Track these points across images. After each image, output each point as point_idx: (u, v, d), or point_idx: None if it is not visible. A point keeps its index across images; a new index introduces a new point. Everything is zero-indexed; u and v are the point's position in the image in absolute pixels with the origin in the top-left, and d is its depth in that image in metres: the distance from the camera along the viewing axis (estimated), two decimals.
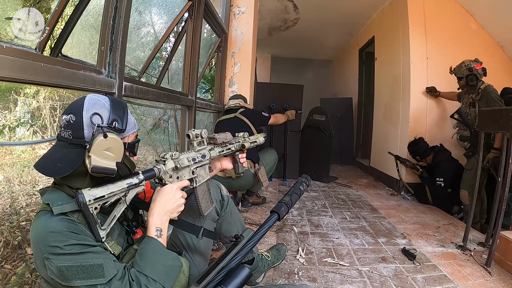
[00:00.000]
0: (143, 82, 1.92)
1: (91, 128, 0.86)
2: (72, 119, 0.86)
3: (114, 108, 0.91)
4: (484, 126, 2.30)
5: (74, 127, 0.85)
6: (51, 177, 0.88)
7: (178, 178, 1.10)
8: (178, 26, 2.59)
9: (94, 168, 0.82)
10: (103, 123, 0.87)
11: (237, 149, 1.45)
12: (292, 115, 3.53)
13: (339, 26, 6.05)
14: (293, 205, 1.05)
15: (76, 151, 0.85)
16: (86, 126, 0.86)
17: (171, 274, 0.92)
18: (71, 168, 0.83)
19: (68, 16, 1.31)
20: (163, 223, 0.98)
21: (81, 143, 0.85)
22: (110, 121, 0.89)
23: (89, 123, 0.86)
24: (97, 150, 0.83)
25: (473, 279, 1.85)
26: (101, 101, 0.91)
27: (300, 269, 1.93)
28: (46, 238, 0.78)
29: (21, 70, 0.95)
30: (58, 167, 0.83)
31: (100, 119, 0.87)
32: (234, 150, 1.44)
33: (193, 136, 1.22)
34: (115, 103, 0.94)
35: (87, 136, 0.85)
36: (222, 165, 1.46)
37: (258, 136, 1.57)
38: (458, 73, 2.96)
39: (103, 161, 0.84)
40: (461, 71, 2.92)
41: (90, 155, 0.82)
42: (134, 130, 1.00)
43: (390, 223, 2.82)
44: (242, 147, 1.45)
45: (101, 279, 0.78)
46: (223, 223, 1.51)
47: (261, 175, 2.70)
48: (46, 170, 0.85)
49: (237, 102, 3.04)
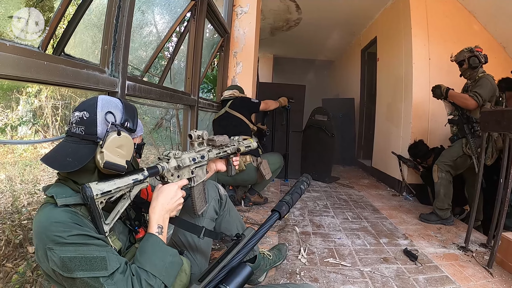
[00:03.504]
0: (145, 81, 1.92)
1: (105, 125, 0.88)
2: (85, 115, 0.88)
3: (126, 109, 0.96)
4: (487, 127, 2.29)
5: (88, 124, 0.87)
6: (60, 171, 0.89)
7: (179, 176, 1.13)
8: (181, 26, 2.59)
9: (107, 164, 0.85)
10: (116, 122, 0.90)
11: (232, 152, 1.48)
12: (284, 101, 3.61)
13: (341, 27, 6.05)
14: (294, 204, 1.05)
15: (88, 147, 0.87)
16: (100, 123, 0.88)
17: (171, 271, 0.93)
18: (82, 163, 0.84)
19: (71, 15, 1.31)
20: (164, 220, 1.00)
21: (93, 139, 0.87)
22: (123, 120, 0.92)
23: (103, 120, 0.88)
24: (110, 147, 0.87)
25: (474, 280, 1.85)
26: (114, 101, 0.95)
27: (302, 269, 1.93)
28: (49, 228, 0.78)
29: (25, 69, 0.96)
30: (67, 162, 0.83)
31: (113, 118, 0.90)
32: (230, 153, 1.47)
33: (195, 136, 1.26)
34: (127, 105, 0.98)
35: (100, 133, 0.87)
36: (216, 166, 1.48)
37: (251, 141, 1.61)
38: (460, 58, 2.88)
39: (115, 157, 0.88)
40: (462, 54, 2.85)
41: (103, 151, 0.85)
42: (141, 133, 1.06)
43: (391, 223, 2.82)
44: (238, 150, 1.49)
45: (103, 272, 0.78)
46: (222, 222, 1.52)
47: (263, 168, 2.71)
48: (54, 164, 0.85)
49: (231, 92, 3.08)
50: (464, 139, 2.75)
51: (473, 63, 2.79)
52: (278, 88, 4.78)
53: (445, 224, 2.80)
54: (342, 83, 7.99)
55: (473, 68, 2.80)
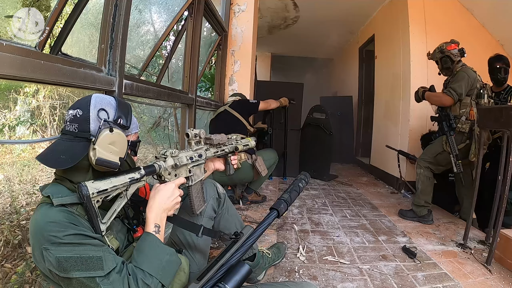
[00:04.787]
0: (143, 80, 1.92)
1: (98, 122, 0.88)
2: (78, 113, 0.88)
3: (120, 107, 0.96)
4: (484, 124, 2.29)
5: (81, 121, 0.88)
6: (54, 168, 0.90)
7: (176, 175, 1.13)
8: (178, 25, 2.59)
9: (99, 160, 0.85)
10: (109, 119, 0.90)
11: (230, 151, 1.48)
12: (285, 102, 3.61)
13: (339, 25, 6.04)
14: (293, 202, 1.05)
15: (81, 144, 0.87)
16: (93, 121, 0.88)
17: (168, 270, 0.93)
18: (75, 160, 0.84)
19: (67, 14, 1.31)
20: (161, 219, 1.00)
21: (86, 136, 0.87)
22: (116, 117, 0.92)
23: (96, 117, 0.89)
24: (102, 143, 0.87)
25: (473, 277, 1.85)
26: (108, 99, 0.95)
27: (301, 267, 1.93)
28: (45, 228, 0.78)
29: (21, 68, 0.95)
30: (62, 159, 0.84)
31: (106, 115, 0.90)
32: (228, 152, 1.46)
33: (192, 135, 1.25)
34: (121, 102, 0.98)
35: (93, 130, 0.87)
36: (214, 165, 1.48)
37: (249, 140, 1.61)
38: (434, 57, 2.86)
39: (108, 154, 0.88)
40: (435, 55, 2.83)
41: (95, 147, 0.85)
42: (136, 130, 1.05)
43: (390, 221, 2.82)
44: (236, 149, 1.49)
45: (99, 272, 0.78)
46: (221, 220, 1.52)
47: (259, 165, 2.70)
48: (49, 162, 0.86)
49: (234, 99, 3.13)
50: (444, 136, 2.72)
51: (445, 63, 2.77)
52: (276, 87, 4.78)
53: (422, 223, 2.77)
54: (340, 81, 8.00)
55: (446, 68, 2.78)
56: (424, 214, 2.78)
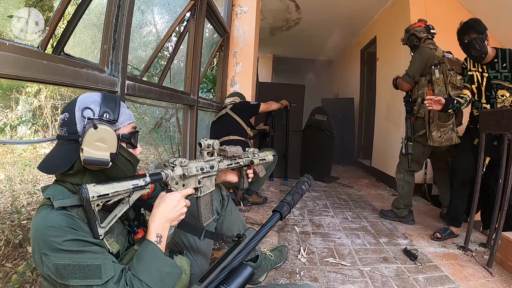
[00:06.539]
0: (145, 81, 1.92)
1: (83, 121, 0.87)
2: (66, 116, 0.88)
3: (106, 101, 0.92)
4: (486, 127, 2.28)
5: (68, 124, 0.88)
6: (48, 174, 0.90)
7: (184, 185, 1.09)
8: (180, 26, 2.59)
9: (86, 161, 0.83)
10: (94, 116, 0.88)
11: (245, 164, 1.43)
12: (285, 103, 3.66)
13: (341, 26, 6.05)
14: (295, 204, 1.05)
15: (71, 147, 0.87)
16: (78, 121, 0.87)
17: (167, 281, 0.92)
18: (67, 164, 0.85)
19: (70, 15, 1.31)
20: (164, 230, 0.98)
21: (75, 138, 0.86)
22: (101, 113, 0.89)
23: (81, 117, 0.87)
24: (89, 142, 0.84)
25: (474, 280, 1.85)
26: (93, 96, 0.92)
27: (302, 269, 1.93)
28: (45, 232, 0.78)
29: (24, 68, 0.95)
30: (55, 164, 0.85)
31: (91, 113, 0.88)
32: (243, 165, 1.42)
33: (205, 145, 1.21)
34: (107, 96, 0.94)
35: (80, 130, 0.87)
36: (226, 177, 1.44)
37: (267, 154, 1.56)
38: (404, 40, 2.84)
39: (96, 152, 0.85)
40: (404, 37, 2.81)
41: (83, 147, 0.83)
42: (129, 121, 0.99)
43: (391, 223, 2.81)
44: (251, 163, 1.44)
45: (97, 280, 0.78)
46: (224, 222, 1.51)
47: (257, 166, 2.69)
48: (44, 168, 0.87)
49: (232, 99, 3.12)
50: None
51: (411, 42, 2.74)
52: (278, 88, 4.78)
53: (403, 222, 2.79)
54: (341, 83, 7.99)
55: (414, 47, 2.73)
56: (405, 215, 2.82)
